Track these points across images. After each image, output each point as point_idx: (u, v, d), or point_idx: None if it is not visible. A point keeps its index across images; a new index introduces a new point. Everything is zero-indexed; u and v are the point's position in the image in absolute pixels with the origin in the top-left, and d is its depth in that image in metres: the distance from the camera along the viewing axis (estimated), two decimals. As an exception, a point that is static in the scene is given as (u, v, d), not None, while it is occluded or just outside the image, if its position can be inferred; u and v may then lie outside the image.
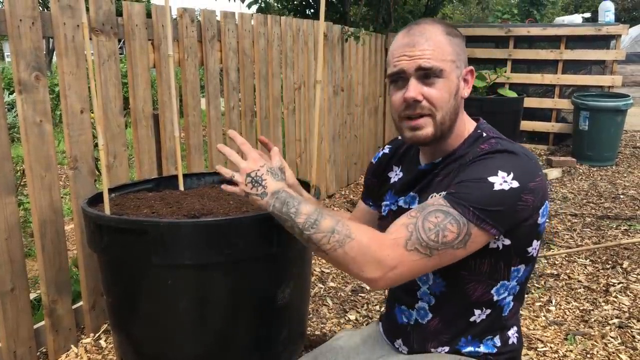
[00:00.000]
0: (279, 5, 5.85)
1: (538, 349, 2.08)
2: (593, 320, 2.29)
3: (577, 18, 7.01)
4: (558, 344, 2.12)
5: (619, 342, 2.13)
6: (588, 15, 8.99)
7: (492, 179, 1.00)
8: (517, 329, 1.20)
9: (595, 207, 3.99)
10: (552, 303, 2.46)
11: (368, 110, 4.97)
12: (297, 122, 3.67)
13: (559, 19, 7.27)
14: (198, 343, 1.47)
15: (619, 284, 2.63)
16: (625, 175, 4.98)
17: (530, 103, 6.02)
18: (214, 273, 1.43)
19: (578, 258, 2.98)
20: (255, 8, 5.51)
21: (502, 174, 1.01)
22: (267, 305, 1.52)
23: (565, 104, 6.03)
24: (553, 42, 6.13)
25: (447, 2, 7.41)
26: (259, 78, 3.10)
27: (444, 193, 1.04)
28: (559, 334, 2.19)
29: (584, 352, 2.07)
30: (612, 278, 2.71)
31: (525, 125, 6.07)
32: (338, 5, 5.36)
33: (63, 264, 2.01)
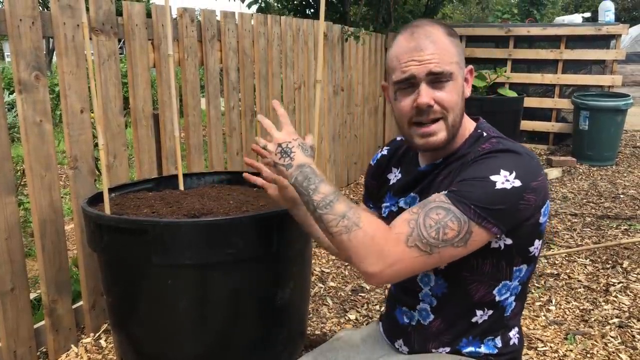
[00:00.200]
0: (279, 5, 5.84)
1: (538, 349, 2.08)
2: (593, 320, 2.29)
3: (577, 18, 7.01)
4: (558, 344, 2.12)
5: (619, 341, 2.13)
6: (588, 15, 8.99)
7: (494, 178, 1.00)
8: (518, 330, 1.20)
9: (595, 206, 3.99)
10: (552, 303, 2.46)
11: (368, 110, 4.97)
12: (297, 121, 3.67)
13: (559, 19, 7.27)
14: (198, 342, 1.47)
15: (619, 284, 2.63)
16: (626, 175, 4.98)
17: (530, 103, 6.02)
18: (214, 273, 1.43)
19: (578, 258, 2.98)
20: (255, 8, 5.50)
21: (504, 173, 1.00)
22: (267, 305, 1.52)
23: (565, 104, 6.03)
24: (553, 41, 6.13)
25: (447, 1, 7.40)
26: (259, 78, 3.10)
27: (446, 191, 1.04)
28: (559, 334, 2.19)
29: (584, 351, 2.07)
30: (612, 278, 2.71)
31: (525, 125, 6.07)
32: (338, 5, 5.36)
33: (63, 264, 2.01)
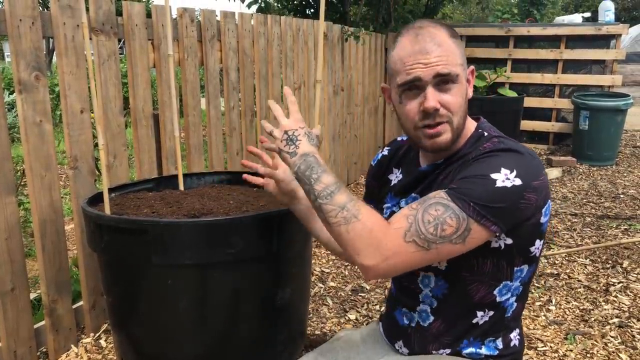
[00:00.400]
0: (279, 5, 5.84)
1: (538, 349, 2.08)
2: (593, 320, 2.29)
3: (577, 18, 7.01)
4: (558, 344, 2.12)
5: (619, 341, 2.13)
6: (588, 15, 9.00)
7: (494, 176, 1.00)
8: (519, 331, 1.20)
9: (595, 206, 3.99)
10: (552, 302, 2.46)
11: (368, 110, 4.97)
12: (297, 121, 3.67)
13: (559, 19, 7.27)
14: (198, 343, 1.47)
15: (619, 284, 2.63)
16: (626, 175, 4.98)
17: (531, 103, 6.02)
18: (214, 273, 1.43)
19: (578, 257, 2.98)
20: (255, 8, 5.50)
21: (505, 172, 1.00)
22: (267, 305, 1.52)
23: (566, 104, 6.03)
24: (553, 41, 6.13)
25: (447, 1, 7.40)
26: (259, 78, 3.10)
27: (446, 188, 1.04)
28: (559, 334, 2.19)
29: (584, 351, 2.07)
30: (612, 277, 2.71)
31: (526, 125, 6.07)
32: (338, 5, 5.36)
33: (63, 264, 2.01)
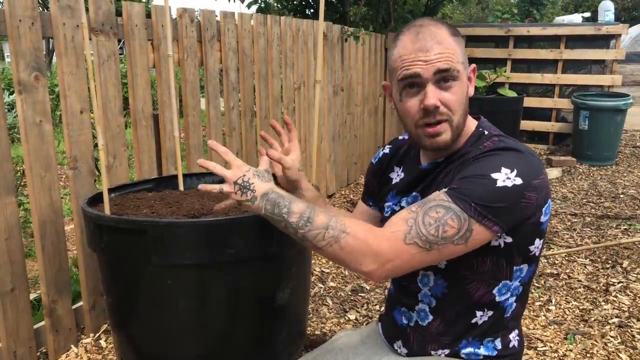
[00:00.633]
0: (279, 5, 5.84)
1: (538, 349, 2.08)
2: (593, 320, 2.29)
3: (576, 18, 7.01)
4: (558, 344, 2.12)
5: (619, 341, 2.13)
6: (588, 15, 9.00)
7: (495, 176, 1.00)
8: (518, 332, 1.20)
9: (595, 206, 3.99)
10: (552, 302, 2.46)
11: (368, 110, 4.97)
12: (297, 122, 3.67)
13: (559, 19, 7.27)
14: (198, 343, 1.47)
15: (619, 284, 2.63)
16: (625, 175, 4.98)
17: (530, 103, 6.02)
18: (214, 273, 1.43)
19: (578, 257, 2.98)
20: (255, 8, 5.51)
21: (505, 171, 1.00)
22: (266, 305, 1.52)
23: (565, 104, 6.03)
24: (553, 41, 6.13)
25: (447, 1, 7.40)
26: (259, 78, 3.10)
27: (446, 188, 1.03)
28: (559, 334, 2.19)
29: (584, 351, 2.07)
30: (612, 277, 2.71)
31: (525, 125, 6.07)
32: (338, 5, 5.36)
33: (63, 264, 2.01)
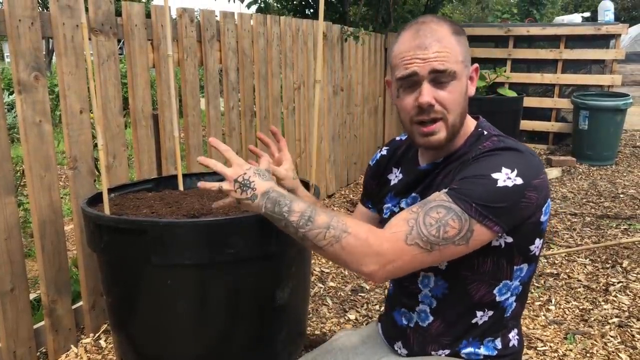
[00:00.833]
0: (279, 5, 5.84)
1: (538, 348, 2.08)
2: (593, 320, 2.29)
3: (576, 17, 7.02)
4: (558, 343, 2.12)
5: (619, 341, 2.13)
6: (587, 15, 9.00)
7: (495, 176, 1.00)
8: (518, 331, 1.20)
9: (595, 206, 3.99)
10: (551, 302, 2.46)
11: (368, 110, 4.97)
12: (296, 122, 3.67)
13: (559, 19, 7.28)
14: (197, 343, 1.47)
15: (619, 283, 2.63)
16: (625, 175, 4.98)
17: (530, 102, 6.02)
18: (214, 273, 1.43)
19: (578, 257, 2.98)
20: (255, 8, 5.50)
21: (505, 171, 1.00)
22: (266, 305, 1.52)
23: (565, 104, 6.03)
24: (553, 41, 6.13)
25: (446, 1, 7.40)
26: (259, 78, 3.10)
27: (446, 189, 1.03)
28: (559, 333, 2.19)
29: (584, 351, 2.07)
30: (611, 277, 2.71)
31: (525, 125, 6.07)
32: (337, 5, 5.36)
33: (63, 264, 2.01)
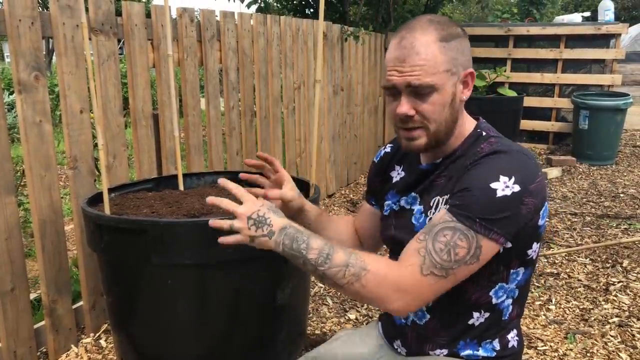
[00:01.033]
0: (279, 5, 5.84)
1: (538, 348, 2.08)
2: (593, 319, 2.29)
3: (576, 17, 7.01)
4: (558, 343, 2.12)
5: (619, 340, 2.13)
6: (588, 14, 8.99)
7: (494, 185, 1.00)
8: (517, 332, 1.20)
9: (595, 206, 3.99)
10: (552, 302, 2.46)
11: (368, 110, 4.97)
12: (296, 121, 3.67)
13: (559, 18, 7.27)
14: (198, 342, 1.47)
15: (619, 283, 2.63)
16: (625, 174, 4.98)
17: (530, 102, 6.02)
18: (214, 273, 1.43)
19: (578, 257, 2.98)
20: (255, 8, 5.50)
21: (503, 179, 1.01)
22: (267, 305, 1.52)
23: (565, 103, 6.03)
24: (553, 41, 6.13)
25: (446, 1, 7.40)
26: (259, 78, 3.10)
27: (447, 205, 1.04)
28: (559, 333, 2.19)
29: (584, 351, 2.07)
30: (612, 277, 2.71)
31: (525, 125, 6.07)
32: (337, 5, 5.36)
33: (63, 264, 2.01)
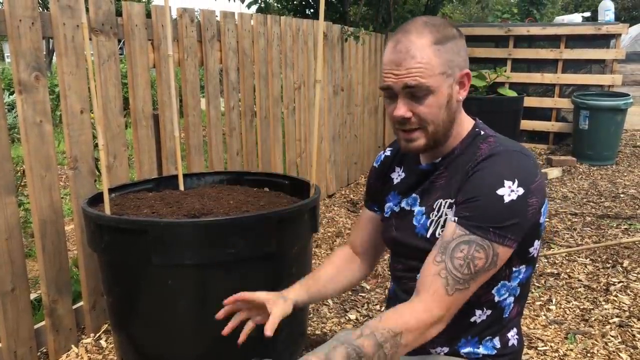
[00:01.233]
0: (279, 5, 5.84)
1: (538, 348, 2.08)
2: (593, 319, 2.29)
3: (576, 17, 7.00)
4: (558, 343, 2.12)
5: (619, 341, 2.13)
6: (588, 15, 8.99)
7: (500, 192, 1.02)
8: (517, 331, 1.20)
9: (596, 206, 3.99)
10: (552, 302, 2.46)
11: (368, 110, 4.97)
12: (297, 121, 3.67)
13: (559, 18, 7.26)
14: (198, 343, 1.47)
15: (619, 283, 2.63)
16: (626, 174, 4.98)
17: (530, 102, 6.02)
18: (214, 273, 1.43)
19: (578, 257, 2.98)
20: (255, 8, 5.51)
21: (508, 184, 1.02)
22: (267, 305, 1.52)
23: (565, 103, 6.03)
24: (553, 41, 6.13)
25: (446, 1, 7.40)
26: (259, 78, 3.10)
27: (456, 218, 1.05)
28: (560, 333, 2.19)
29: (585, 351, 2.07)
30: (612, 277, 2.71)
31: (525, 125, 6.07)
32: (338, 5, 5.36)
33: (63, 264, 2.01)
